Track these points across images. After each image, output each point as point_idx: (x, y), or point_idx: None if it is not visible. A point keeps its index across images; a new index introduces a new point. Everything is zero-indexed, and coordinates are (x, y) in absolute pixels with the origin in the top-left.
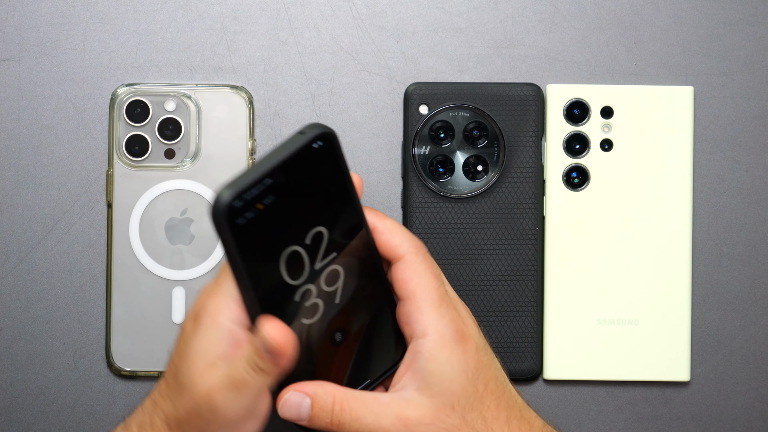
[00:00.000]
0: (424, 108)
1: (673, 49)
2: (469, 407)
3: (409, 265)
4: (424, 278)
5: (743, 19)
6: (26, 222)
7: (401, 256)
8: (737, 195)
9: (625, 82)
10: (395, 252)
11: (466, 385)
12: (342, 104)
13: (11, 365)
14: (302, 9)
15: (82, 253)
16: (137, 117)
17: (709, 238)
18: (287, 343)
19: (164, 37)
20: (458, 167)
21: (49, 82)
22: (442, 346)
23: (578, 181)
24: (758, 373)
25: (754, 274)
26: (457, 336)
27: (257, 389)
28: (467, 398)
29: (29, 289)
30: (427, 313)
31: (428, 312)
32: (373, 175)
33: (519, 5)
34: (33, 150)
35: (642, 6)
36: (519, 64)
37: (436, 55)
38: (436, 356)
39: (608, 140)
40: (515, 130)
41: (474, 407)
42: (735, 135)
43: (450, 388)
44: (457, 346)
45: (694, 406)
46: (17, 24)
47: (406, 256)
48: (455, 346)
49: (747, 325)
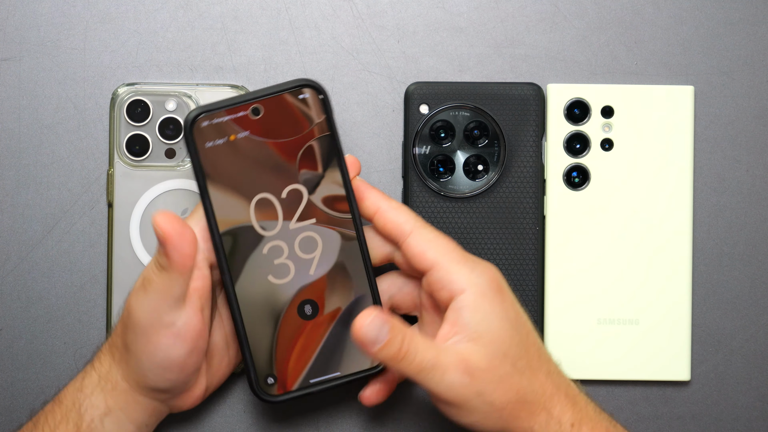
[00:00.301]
0: (425, 107)
1: (673, 48)
2: (517, 356)
3: (420, 237)
4: (440, 243)
5: (743, 19)
6: (27, 221)
7: (409, 232)
8: (737, 195)
9: (626, 81)
10: (402, 229)
11: (512, 334)
12: (342, 104)
13: (11, 365)
14: (303, 8)
15: (82, 252)
16: (138, 116)
17: (709, 238)
18: (173, 231)
19: (165, 36)
20: (459, 167)
21: (50, 81)
22: (483, 297)
23: (579, 180)
24: (758, 373)
25: (754, 274)
26: (494, 287)
27: (163, 291)
28: (516, 347)
29: (29, 288)
30: (458, 271)
31: (458, 270)
32: (373, 175)
33: (519, 5)
34: (34, 149)
35: (642, 6)
36: (519, 64)
37: (436, 55)
38: (480, 307)
39: (608, 140)
40: (516, 129)
41: (521, 356)
42: (735, 135)
43: (500, 336)
44: (496, 296)
45: (694, 405)
46: (18, 24)
47: (414, 230)
48: (494, 297)
49: (747, 325)
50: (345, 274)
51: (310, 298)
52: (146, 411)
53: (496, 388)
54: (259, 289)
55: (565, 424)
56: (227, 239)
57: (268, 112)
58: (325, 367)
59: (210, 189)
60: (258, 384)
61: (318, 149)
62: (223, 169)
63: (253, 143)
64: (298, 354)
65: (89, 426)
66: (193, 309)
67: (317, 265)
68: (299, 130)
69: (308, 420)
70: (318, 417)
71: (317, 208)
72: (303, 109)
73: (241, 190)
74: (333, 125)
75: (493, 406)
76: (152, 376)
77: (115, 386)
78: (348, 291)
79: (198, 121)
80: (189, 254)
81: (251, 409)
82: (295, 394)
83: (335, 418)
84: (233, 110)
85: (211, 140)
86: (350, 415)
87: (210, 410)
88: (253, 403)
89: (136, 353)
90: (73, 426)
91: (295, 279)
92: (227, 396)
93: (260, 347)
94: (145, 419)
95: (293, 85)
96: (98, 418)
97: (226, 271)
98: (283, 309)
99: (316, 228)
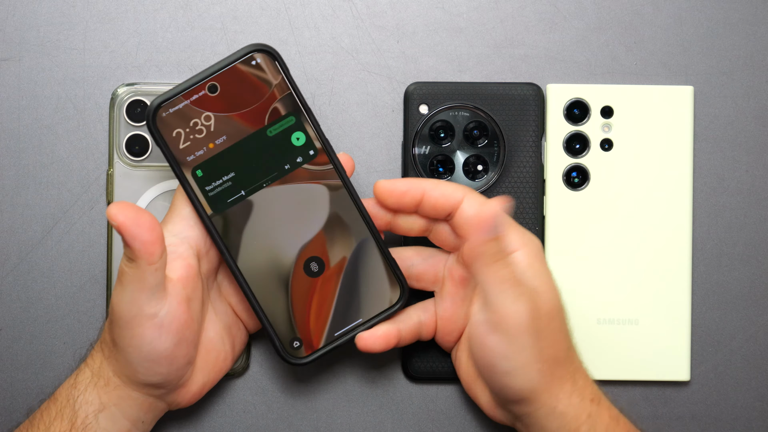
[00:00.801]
0: (424, 108)
1: (673, 48)
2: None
3: (472, 202)
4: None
5: (743, 19)
6: (26, 222)
7: (460, 199)
8: (737, 195)
9: (625, 81)
10: (453, 198)
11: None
12: (342, 104)
13: (11, 365)
14: (302, 9)
15: (82, 252)
16: (138, 116)
17: (709, 238)
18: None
19: (164, 36)
20: (458, 167)
21: (50, 81)
22: (534, 257)
23: (578, 180)
24: (758, 373)
25: (754, 274)
26: (541, 249)
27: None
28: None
29: (29, 289)
30: (512, 232)
31: (512, 231)
32: (373, 175)
33: (519, 5)
34: (33, 150)
35: (642, 6)
36: (519, 64)
37: (436, 55)
38: (532, 266)
39: (608, 140)
40: (515, 129)
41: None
42: (735, 135)
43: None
44: (544, 259)
45: (694, 406)
46: (17, 24)
47: (464, 197)
48: (543, 259)
49: (747, 325)
50: (341, 224)
51: (314, 255)
52: (141, 407)
53: (549, 336)
54: (262, 259)
55: (586, 397)
56: (217, 219)
57: (225, 87)
58: (345, 317)
59: (188, 175)
60: (285, 350)
61: (283, 109)
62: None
63: (219, 120)
64: (317, 312)
65: (83, 422)
66: (176, 299)
67: (312, 221)
68: (260, 96)
69: (308, 420)
70: (318, 417)
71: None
72: (259, 75)
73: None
74: (292, 82)
75: (540, 354)
76: (142, 370)
77: (108, 382)
78: (348, 239)
79: (158, 112)
80: (150, 241)
81: (251, 409)
82: (324, 351)
83: (335, 418)
84: (190, 93)
85: (176, 127)
86: (350, 415)
87: (210, 410)
88: (253, 403)
89: (123, 348)
90: (68, 423)
91: (293, 240)
92: (227, 396)
93: (278, 315)
94: (141, 415)
95: (243, 53)
96: (92, 414)
97: (224, 250)
98: (290, 272)
99: (301, 186)
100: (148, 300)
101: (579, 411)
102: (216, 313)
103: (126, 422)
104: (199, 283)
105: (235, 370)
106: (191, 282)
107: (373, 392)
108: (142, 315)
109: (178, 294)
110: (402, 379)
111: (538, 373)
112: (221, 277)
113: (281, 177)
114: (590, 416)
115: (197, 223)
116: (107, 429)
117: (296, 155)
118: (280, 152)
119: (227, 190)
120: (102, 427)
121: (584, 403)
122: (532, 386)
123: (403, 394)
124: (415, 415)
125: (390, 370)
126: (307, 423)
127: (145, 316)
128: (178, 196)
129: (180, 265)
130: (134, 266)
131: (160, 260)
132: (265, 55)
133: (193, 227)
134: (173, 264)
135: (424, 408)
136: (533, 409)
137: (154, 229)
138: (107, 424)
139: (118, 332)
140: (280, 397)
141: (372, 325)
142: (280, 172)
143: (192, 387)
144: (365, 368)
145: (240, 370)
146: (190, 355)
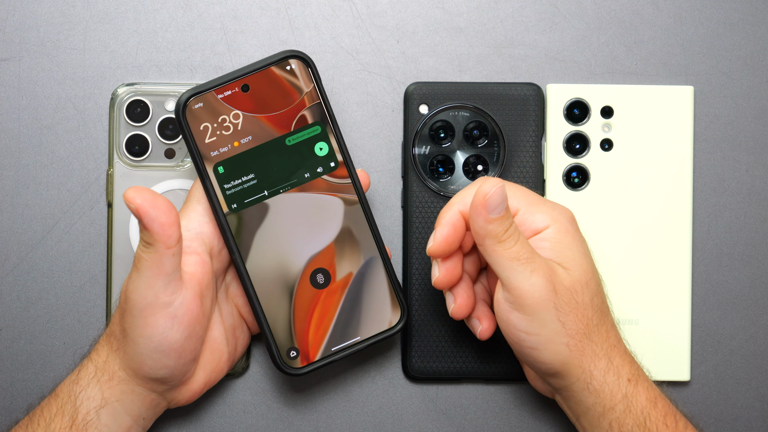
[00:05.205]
0: (424, 108)
1: (673, 48)
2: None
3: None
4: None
5: (743, 19)
6: (26, 222)
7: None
8: (737, 195)
9: (625, 81)
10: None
11: (593, 270)
12: (342, 104)
13: (11, 365)
14: (302, 9)
15: (82, 252)
16: (137, 117)
17: (709, 238)
18: (145, 202)
19: (164, 36)
20: (458, 167)
21: (49, 81)
22: (565, 232)
23: (578, 180)
24: (758, 373)
25: (754, 274)
26: (574, 224)
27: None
28: (594, 283)
29: (29, 289)
30: (539, 210)
31: (539, 208)
32: (373, 175)
33: (519, 5)
34: (33, 150)
35: (642, 6)
36: (519, 64)
37: (436, 55)
38: (562, 240)
39: (608, 140)
40: (515, 129)
41: (597, 294)
42: (735, 135)
43: (582, 266)
44: (577, 233)
45: (694, 405)
46: (17, 24)
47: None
48: (575, 233)
49: (747, 325)
50: (352, 239)
51: (322, 267)
52: (143, 403)
53: (572, 310)
54: (270, 263)
55: (623, 376)
56: (232, 218)
57: (257, 87)
58: (344, 333)
59: (209, 170)
60: (281, 359)
61: (311, 118)
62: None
63: (247, 119)
64: (317, 324)
65: (84, 418)
66: (191, 293)
67: (324, 232)
68: (290, 101)
69: (308, 420)
70: (318, 417)
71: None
72: (291, 80)
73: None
74: (323, 93)
75: (564, 328)
76: (150, 362)
77: (112, 377)
78: (357, 255)
79: (189, 104)
80: (168, 223)
81: (251, 409)
82: (319, 364)
83: (335, 418)
84: (222, 89)
85: (204, 121)
86: (350, 415)
87: (210, 410)
88: (253, 404)
89: (133, 338)
90: (69, 419)
91: (303, 249)
92: (227, 396)
93: (279, 322)
94: (143, 412)
95: (279, 57)
96: (94, 410)
97: (235, 250)
98: (296, 281)
99: (318, 196)
100: (164, 287)
101: (614, 390)
102: (222, 313)
103: (127, 418)
104: (212, 280)
105: (236, 370)
106: (206, 278)
107: (373, 392)
108: (157, 303)
109: (193, 288)
110: (402, 379)
111: (565, 347)
112: (230, 279)
113: (300, 184)
114: (626, 396)
115: (211, 220)
116: (108, 425)
117: (317, 165)
118: (303, 160)
119: (246, 190)
120: (103, 424)
121: (620, 381)
122: (562, 360)
123: (403, 394)
124: (415, 415)
125: (390, 370)
126: (307, 423)
127: (159, 304)
128: (194, 192)
129: (195, 261)
130: (152, 250)
131: (176, 245)
132: (300, 61)
133: (207, 224)
134: (188, 258)
135: (424, 408)
136: (569, 383)
137: (171, 211)
138: (108, 420)
139: (130, 321)
140: (280, 397)
141: (368, 345)
142: (299, 179)
143: (193, 385)
144: (365, 368)
145: (240, 371)
146: (197, 352)
